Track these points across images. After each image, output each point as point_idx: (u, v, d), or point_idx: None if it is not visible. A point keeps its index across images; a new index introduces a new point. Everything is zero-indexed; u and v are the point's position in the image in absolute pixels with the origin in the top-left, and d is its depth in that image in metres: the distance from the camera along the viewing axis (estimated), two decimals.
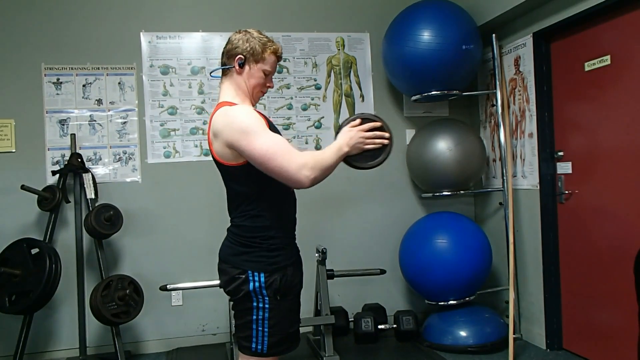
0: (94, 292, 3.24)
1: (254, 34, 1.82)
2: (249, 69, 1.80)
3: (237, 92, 1.82)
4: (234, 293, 1.76)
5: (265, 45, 1.81)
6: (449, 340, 3.48)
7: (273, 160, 1.62)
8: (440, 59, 3.46)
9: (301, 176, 1.61)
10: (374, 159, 1.80)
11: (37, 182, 3.53)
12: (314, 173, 1.63)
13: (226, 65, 1.83)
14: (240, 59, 1.79)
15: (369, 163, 1.81)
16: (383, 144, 1.79)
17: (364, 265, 3.90)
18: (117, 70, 3.75)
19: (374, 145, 1.78)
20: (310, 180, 1.63)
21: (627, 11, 2.84)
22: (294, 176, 1.62)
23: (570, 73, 3.28)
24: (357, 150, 1.76)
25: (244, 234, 1.76)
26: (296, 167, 1.61)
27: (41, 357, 3.57)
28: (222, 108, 1.74)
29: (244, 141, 1.64)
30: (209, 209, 3.70)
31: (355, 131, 1.75)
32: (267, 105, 3.93)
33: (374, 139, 1.77)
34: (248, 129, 1.65)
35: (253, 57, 1.80)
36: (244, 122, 1.67)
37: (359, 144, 1.75)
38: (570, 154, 3.32)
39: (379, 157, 1.81)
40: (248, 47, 1.79)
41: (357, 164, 1.80)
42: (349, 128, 1.77)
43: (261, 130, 1.66)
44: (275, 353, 1.76)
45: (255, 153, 1.63)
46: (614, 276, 2.98)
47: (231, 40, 1.83)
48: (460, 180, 3.76)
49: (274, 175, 1.65)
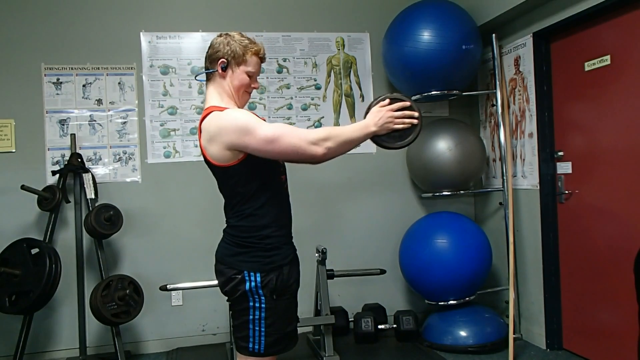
0: (94, 292, 3.24)
1: (235, 37, 1.82)
2: (232, 72, 1.81)
3: (222, 96, 1.83)
4: (230, 293, 1.76)
5: (247, 48, 1.81)
6: (449, 340, 3.48)
7: (282, 140, 1.63)
8: (440, 59, 3.46)
9: (314, 148, 1.64)
10: (403, 139, 1.79)
11: (37, 182, 3.53)
12: (327, 144, 1.64)
13: (209, 69, 1.84)
14: (223, 63, 1.80)
15: (398, 143, 1.80)
16: (412, 123, 1.78)
17: (364, 265, 3.90)
18: (117, 70, 3.75)
19: (403, 125, 1.77)
20: (324, 150, 1.64)
21: (627, 11, 2.83)
22: (307, 149, 1.63)
23: (570, 73, 3.28)
24: (385, 130, 1.76)
25: (239, 234, 1.77)
26: (307, 141, 1.63)
27: (41, 357, 3.58)
28: (213, 113, 1.74)
29: (246, 137, 1.65)
30: (209, 209, 3.68)
31: (384, 111, 1.75)
32: (267, 105, 3.93)
33: (403, 118, 1.77)
34: (247, 125, 1.66)
35: (235, 59, 1.80)
36: (240, 121, 1.68)
37: (388, 124, 1.75)
38: (570, 154, 3.32)
39: (409, 137, 1.80)
40: (229, 51, 1.80)
41: (386, 143, 1.80)
42: (378, 108, 1.77)
43: (259, 122, 1.69)
44: (272, 352, 1.77)
45: (262, 142, 1.64)
46: (614, 276, 2.98)
47: (213, 44, 1.84)
48: (460, 180, 3.76)
49: (287, 155, 1.67)
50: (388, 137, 1.78)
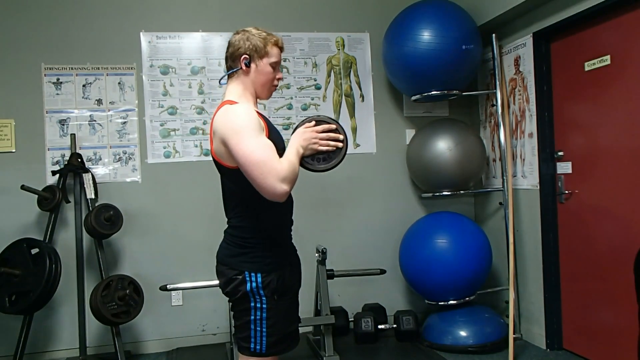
0: (94, 292, 3.24)
1: (252, 31, 1.82)
2: (256, 66, 1.80)
3: (244, 92, 1.81)
4: (232, 294, 1.76)
5: (266, 40, 1.80)
6: (449, 340, 3.48)
7: (253, 167, 1.60)
8: (440, 59, 3.46)
9: (278, 190, 1.60)
10: (327, 162, 1.78)
11: (37, 182, 3.53)
12: (289, 186, 1.63)
13: (232, 68, 1.82)
14: (246, 59, 1.79)
15: (321, 166, 1.79)
16: (337, 146, 1.78)
17: (364, 265, 3.90)
18: (117, 70, 3.75)
19: (327, 147, 1.77)
20: (285, 194, 1.62)
21: (627, 11, 2.83)
22: (271, 189, 1.60)
23: (570, 73, 3.28)
24: (310, 152, 1.75)
25: (240, 234, 1.76)
26: (273, 181, 1.59)
27: (41, 357, 3.58)
28: (224, 106, 1.74)
29: (233, 140, 1.63)
30: (209, 209, 3.67)
31: (309, 132, 1.75)
32: (267, 105, 3.93)
33: (327, 140, 1.76)
34: (241, 129, 1.64)
35: (257, 53, 1.79)
36: (238, 121, 1.66)
37: (313, 145, 1.75)
38: (570, 154, 3.32)
39: (333, 160, 1.78)
40: (250, 45, 1.79)
41: (309, 165, 1.78)
42: (303, 129, 1.77)
43: (253, 133, 1.64)
44: (274, 353, 1.76)
45: (240, 155, 1.62)
46: (614, 276, 2.98)
47: (232, 42, 1.83)
48: (460, 180, 3.76)
49: (252, 182, 1.63)
50: (312, 159, 1.77)
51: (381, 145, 4.12)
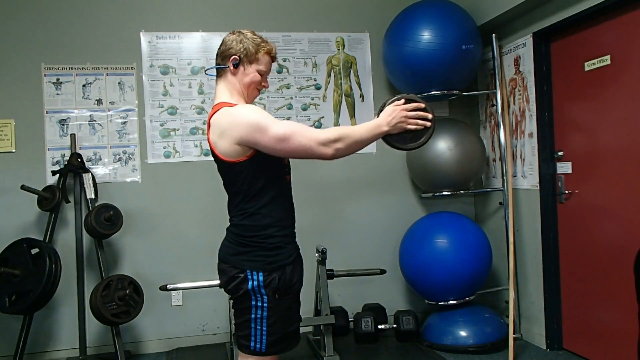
0: (94, 292, 3.24)
1: (247, 35, 1.83)
2: (244, 69, 1.82)
3: (232, 93, 1.84)
4: (233, 292, 1.76)
5: (259, 46, 1.82)
6: (449, 340, 3.48)
7: (292, 139, 1.65)
8: (440, 59, 3.46)
9: (323, 149, 1.65)
10: (414, 140, 1.79)
11: (37, 182, 3.53)
12: (337, 145, 1.66)
13: (221, 65, 1.84)
14: (235, 60, 1.80)
15: (410, 144, 1.79)
16: (425, 125, 1.78)
17: (364, 265, 3.90)
18: (117, 70, 3.75)
19: (416, 126, 1.77)
20: (333, 151, 1.66)
21: (627, 11, 2.83)
22: (316, 150, 1.65)
23: (570, 73, 3.28)
24: (398, 130, 1.76)
25: (242, 233, 1.77)
26: (317, 142, 1.65)
27: (41, 357, 3.57)
28: (223, 108, 1.75)
29: (258, 134, 1.66)
30: (209, 208, 3.69)
31: (398, 110, 1.75)
32: (267, 105, 3.93)
33: (416, 119, 1.77)
34: (259, 122, 1.67)
35: (247, 57, 1.81)
36: (252, 117, 1.69)
37: (401, 124, 1.75)
38: (570, 153, 3.32)
39: (421, 139, 1.79)
40: (242, 48, 1.80)
41: (398, 144, 1.79)
42: (392, 107, 1.76)
43: (272, 119, 1.69)
44: (274, 352, 1.77)
45: (273, 140, 1.65)
46: (614, 276, 2.98)
47: (225, 41, 1.84)
48: (460, 180, 3.76)
49: (296, 154, 1.68)
50: (400, 138, 1.77)
51: (381, 145, 4.09)
